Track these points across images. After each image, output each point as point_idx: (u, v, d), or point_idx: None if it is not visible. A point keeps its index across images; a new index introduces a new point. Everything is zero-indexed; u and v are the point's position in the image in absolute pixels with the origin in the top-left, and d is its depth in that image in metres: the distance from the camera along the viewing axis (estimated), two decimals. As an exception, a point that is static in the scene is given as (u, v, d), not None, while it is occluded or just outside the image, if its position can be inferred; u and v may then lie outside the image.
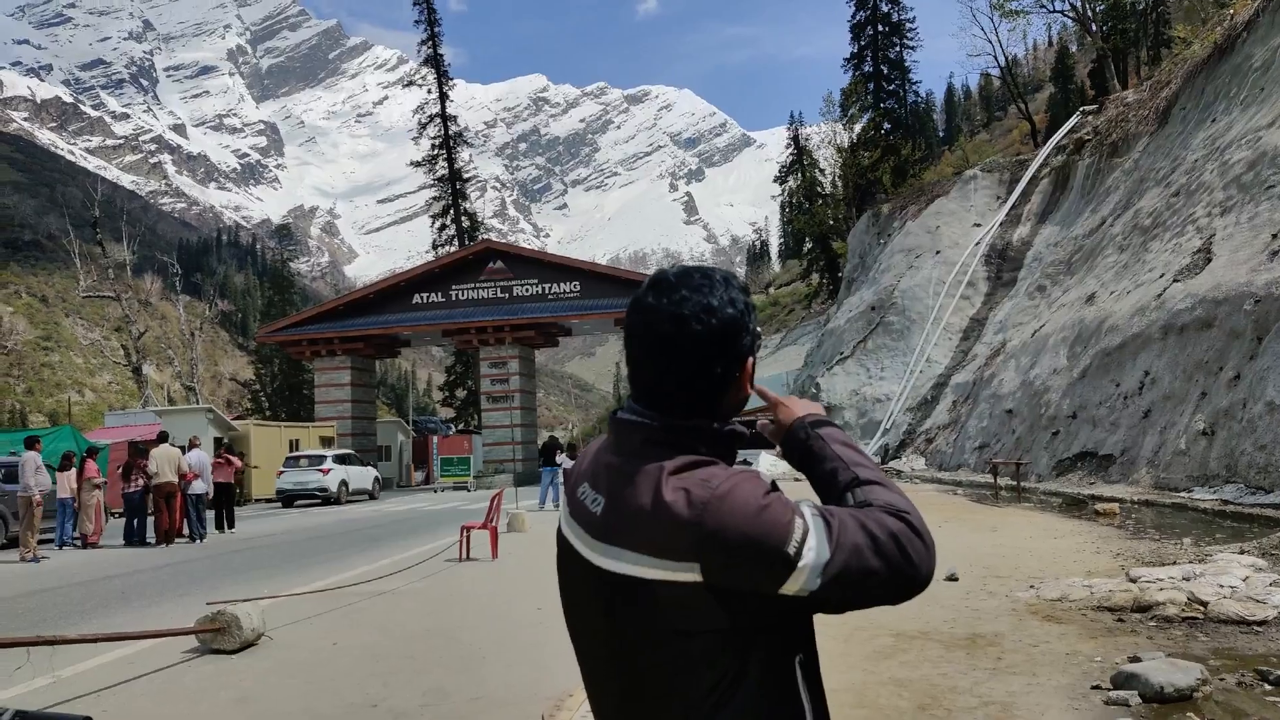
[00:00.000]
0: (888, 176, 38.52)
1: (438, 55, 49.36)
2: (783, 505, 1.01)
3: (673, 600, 1.00)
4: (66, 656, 5.09)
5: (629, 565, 1.02)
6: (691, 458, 1.05)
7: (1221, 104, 15.63)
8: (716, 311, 1.05)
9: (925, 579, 1.00)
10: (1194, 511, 9.55)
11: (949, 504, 13.39)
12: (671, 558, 0.99)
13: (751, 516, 0.99)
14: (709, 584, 0.99)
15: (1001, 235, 25.30)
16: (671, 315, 1.05)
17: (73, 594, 8.40)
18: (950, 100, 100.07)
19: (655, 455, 1.05)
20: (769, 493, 1.02)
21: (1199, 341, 11.75)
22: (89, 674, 5.04)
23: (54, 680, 4.81)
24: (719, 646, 1.02)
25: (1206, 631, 4.87)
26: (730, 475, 1.03)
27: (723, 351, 1.06)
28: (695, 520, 0.98)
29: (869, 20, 45.61)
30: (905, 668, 4.43)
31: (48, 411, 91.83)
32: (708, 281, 1.08)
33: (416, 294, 34.20)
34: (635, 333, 1.08)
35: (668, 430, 1.07)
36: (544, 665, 4.86)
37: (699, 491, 1.00)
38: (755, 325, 1.10)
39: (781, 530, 0.98)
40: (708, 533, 0.98)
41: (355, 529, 14.91)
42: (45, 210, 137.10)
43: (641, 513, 1.02)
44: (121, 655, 5.43)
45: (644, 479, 1.03)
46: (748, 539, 0.98)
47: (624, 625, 1.06)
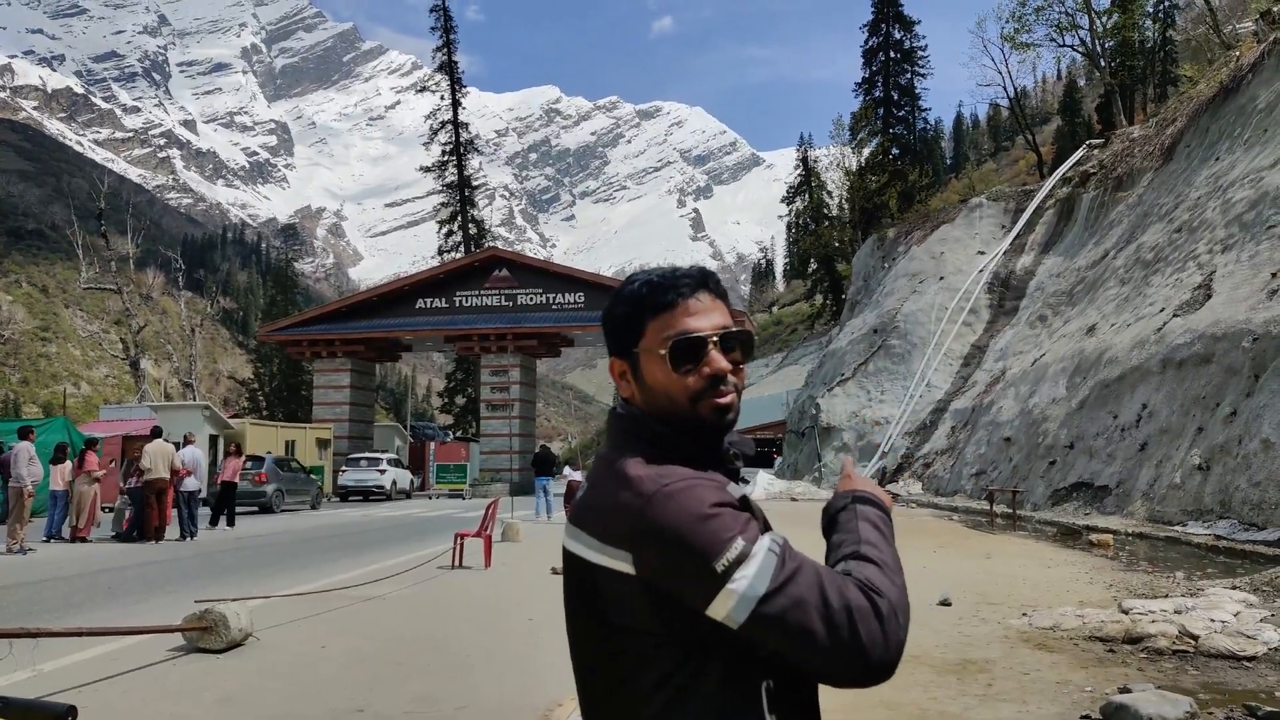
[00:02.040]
0: (894, 201, 38.71)
1: (452, 62, 49.72)
2: (731, 522, 0.97)
3: (612, 591, 1.01)
4: (49, 650, 5.06)
5: (583, 547, 1.05)
6: (653, 456, 1.05)
7: (1225, 143, 15.75)
8: (608, 309, 1.15)
9: (876, 666, 0.93)
10: (1187, 545, 9.53)
11: (945, 529, 13.36)
12: (611, 543, 1.01)
13: (692, 520, 0.96)
14: (642, 579, 0.98)
15: (1005, 264, 25.39)
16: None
17: (60, 587, 8.35)
18: (959, 128, 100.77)
19: (630, 447, 1.07)
20: (724, 505, 0.98)
21: (1197, 377, 11.77)
22: (72, 668, 5.00)
23: (35, 674, 4.77)
24: (657, 651, 1.00)
25: (1197, 665, 4.85)
26: (689, 477, 1.00)
27: (611, 342, 1.14)
28: (638, 510, 0.98)
29: (881, 46, 45.99)
30: (895, 691, 4.41)
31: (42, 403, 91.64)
32: (628, 282, 1.16)
33: (420, 299, 34.23)
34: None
35: (639, 420, 1.10)
36: (534, 675, 4.83)
37: (649, 485, 0.99)
38: (644, 318, 1.09)
39: (717, 544, 0.95)
40: (645, 524, 0.98)
41: (348, 533, 14.85)
42: (50, 200, 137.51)
43: (600, 497, 1.05)
44: (105, 651, 5.40)
45: (611, 466, 1.06)
46: (680, 541, 0.95)
47: (578, 612, 1.08)
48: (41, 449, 13.40)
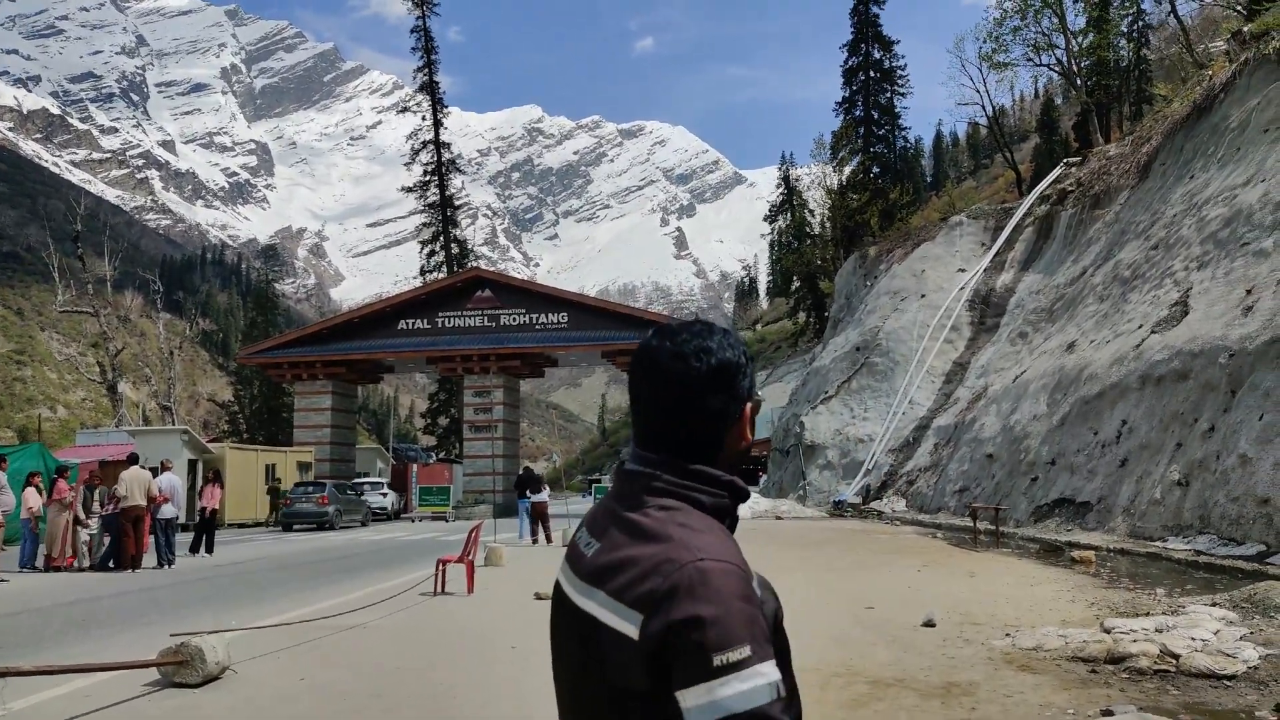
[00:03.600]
0: (875, 219, 39.13)
1: (433, 82, 49.89)
2: (750, 626, 0.94)
3: (615, 649, 0.98)
4: (20, 688, 4.94)
5: (596, 606, 1.03)
6: (690, 517, 1.03)
7: (1200, 161, 16.06)
8: (714, 352, 1.10)
9: None
10: (1168, 561, 9.61)
11: (929, 548, 13.39)
12: (626, 603, 0.98)
13: (715, 603, 0.93)
14: (641, 642, 0.96)
15: (985, 281, 25.69)
16: (672, 353, 1.10)
17: (32, 620, 8.17)
18: (939, 147, 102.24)
19: (654, 506, 1.05)
20: (752, 604, 0.96)
21: (1175, 393, 11.92)
22: (43, 707, 4.88)
23: (5, 713, 4.65)
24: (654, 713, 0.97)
25: (1178, 685, 4.87)
26: (723, 557, 0.98)
27: (718, 389, 1.09)
28: (668, 573, 0.96)
29: (861, 66, 46.71)
30: (880, 716, 4.39)
31: (17, 427, 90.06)
32: (707, 329, 1.14)
33: (402, 319, 34.10)
34: (638, 371, 1.13)
35: (668, 480, 1.08)
36: (519, 705, 4.77)
37: (686, 552, 0.97)
38: (752, 373, 1.14)
39: (726, 639, 0.92)
40: (668, 589, 0.95)
41: (328, 559, 14.65)
42: (26, 222, 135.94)
43: (623, 557, 1.02)
44: (78, 687, 5.27)
45: (636, 528, 1.04)
46: (695, 615, 0.93)
47: (583, 670, 1.05)
48: (15, 475, 13.16)
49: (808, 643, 5.91)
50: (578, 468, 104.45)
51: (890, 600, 8.02)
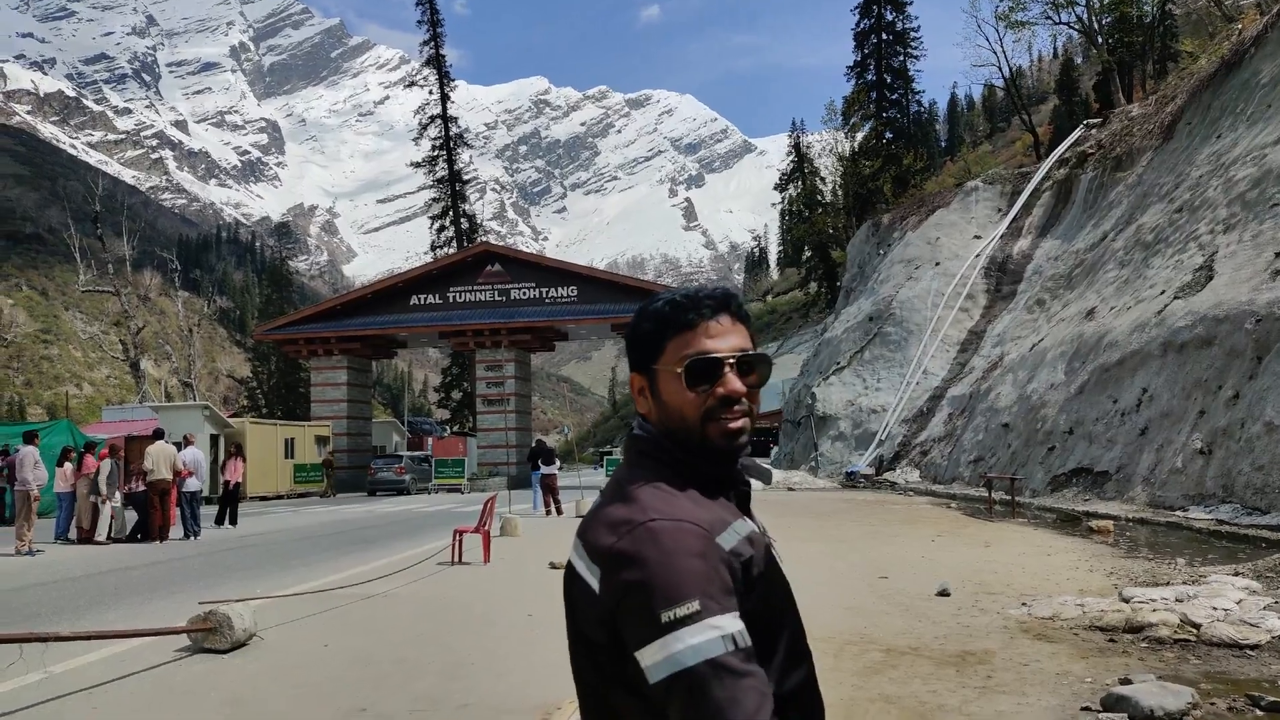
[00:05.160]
0: (888, 186, 38.56)
1: (439, 56, 49.43)
2: (701, 581, 0.93)
3: (584, 600, 1.03)
4: (59, 653, 5.08)
5: (575, 557, 1.09)
6: (665, 479, 1.05)
7: (1228, 120, 15.65)
8: (644, 310, 1.15)
9: None
10: (1189, 531, 9.54)
11: (943, 518, 13.39)
12: (591, 558, 1.03)
13: (661, 560, 0.94)
14: (599, 596, 1.00)
15: (1002, 248, 25.34)
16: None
17: (67, 589, 8.37)
18: (953, 110, 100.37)
19: (643, 468, 1.09)
20: (703, 559, 0.95)
21: (1198, 359, 11.76)
22: (81, 670, 5.02)
23: (46, 676, 4.79)
24: (623, 666, 0.98)
25: (1199, 654, 4.85)
26: (682, 518, 0.99)
27: (630, 352, 1.14)
28: (621, 533, 0.99)
29: (873, 29, 45.69)
30: (895, 684, 4.42)
31: (46, 404, 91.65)
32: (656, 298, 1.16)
33: (414, 295, 34.20)
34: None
35: (655, 441, 1.11)
36: (535, 674, 4.84)
37: (640, 513, 1.00)
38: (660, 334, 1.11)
39: (673, 594, 0.92)
40: (619, 549, 0.98)
41: (348, 530, 14.87)
42: (47, 204, 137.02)
43: (600, 512, 1.07)
44: (114, 652, 5.41)
45: (620, 485, 1.08)
46: (641, 576, 0.94)
47: (570, 620, 1.10)
48: (48, 451, 13.44)
49: (821, 611, 5.94)
50: (589, 440, 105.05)
51: (904, 570, 8.04)
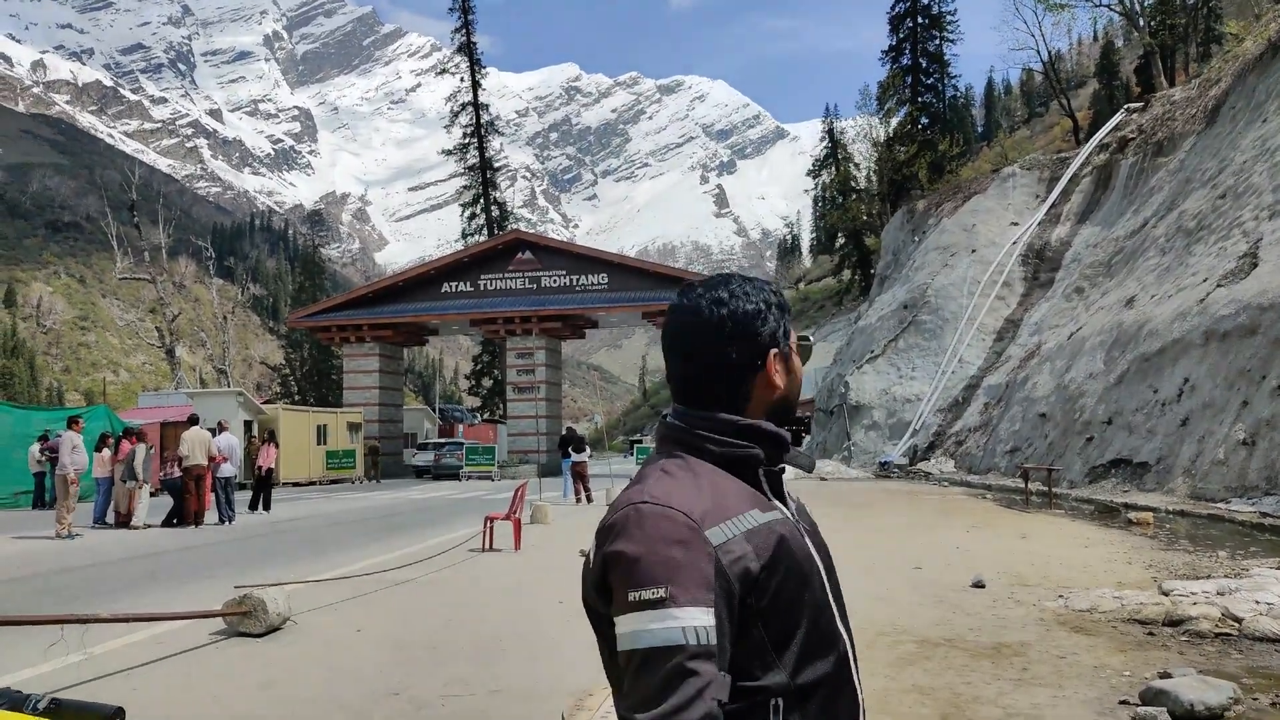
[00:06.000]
0: (924, 172, 37.94)
1: (471, 43, 49.49)
2: (674, 572, 0.94)
3: (587, 569, 1.06)
4: (98, 634, 5.20)
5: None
6: (680, 462, 1.06)
7: (1274, 103, 15.15)
8: (726, 302, 1.11)
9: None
10: (1230, 523, 9.31)
11: (978, 509, 13.21)
12: (597, 531, 1.06)
13: (640, 545, 0.96)
14: (594, 567, 1.03)
15: (1039, 235, 24.83)
16: (687, 307, 1.13)
17: (104, 572, 8.59)
18: (990, 95, 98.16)
19: (665, 453, 1.10)
20: (682, 549, 0.95)
21: (1242, 348, 11.43)
22: (120, 652, 5.15)
23: (86, 657, 4.92)
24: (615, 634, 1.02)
25: (1240, 649, 4.74)
26: (671, 502, 0.99)
27: (733, 337, 1.10)
28: (616, 511, 1.03)
29: (909, 12, 44.84)
30: (929, 675, 4.37)
31: (84, 390, 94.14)
32: (724, 280, 1.15)
33: (445, 282, 34.41)
34: (665, 330, 1.17)
35: (681, 429, 1.11)
36: (566, 659, 4.86)
37: (638, 495, 1.02)
38: (779, 322, 1.13)
39: (643, 578, 0.94)
40: (608, 525, 1.02)
41: (379, 516, 15.09)
42: (85, 192, 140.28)
43: (619, 495, 1.10)
44: (151, 635, 5.54)
45: (639, 472, 1.11)
46: (620, 552, 0.98)
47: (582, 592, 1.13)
48: (87, 436, 13.76)
49: (853, 602, 5.84)
50: (619, 428, 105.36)
51: (938, 561, 7.94)
